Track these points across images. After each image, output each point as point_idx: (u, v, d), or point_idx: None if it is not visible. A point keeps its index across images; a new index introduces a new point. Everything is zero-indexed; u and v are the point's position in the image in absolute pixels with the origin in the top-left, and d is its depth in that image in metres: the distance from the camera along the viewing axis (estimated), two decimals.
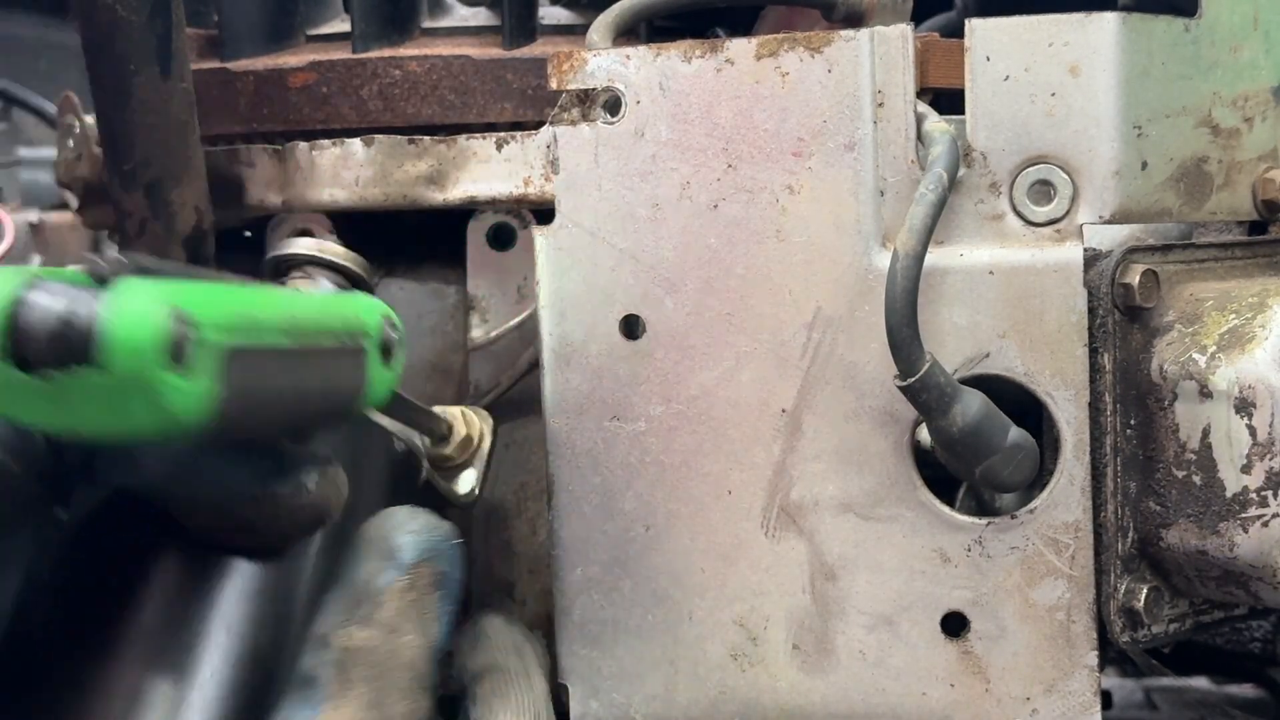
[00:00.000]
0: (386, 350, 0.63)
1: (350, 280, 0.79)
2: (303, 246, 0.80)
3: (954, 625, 0.74)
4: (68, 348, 0.46)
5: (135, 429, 0.48)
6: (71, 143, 0.96)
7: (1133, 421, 0.73)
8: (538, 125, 0.79)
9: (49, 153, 1.37)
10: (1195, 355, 0.71)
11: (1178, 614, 0.75)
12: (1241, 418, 0.69)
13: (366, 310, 0.63)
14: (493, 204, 0.86)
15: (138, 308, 0.45)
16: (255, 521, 0.55)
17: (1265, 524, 0.69)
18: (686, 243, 0.75)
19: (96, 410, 0.47)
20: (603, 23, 0.81)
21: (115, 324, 0.45)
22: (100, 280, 0.47)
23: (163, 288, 0.47)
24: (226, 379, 0.49)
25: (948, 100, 0.74)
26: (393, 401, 0.66)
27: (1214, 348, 0.70)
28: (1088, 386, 0.72)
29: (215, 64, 0.92)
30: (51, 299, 0.46)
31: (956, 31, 0.73)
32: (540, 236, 0.78)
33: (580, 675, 0.79)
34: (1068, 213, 0.72)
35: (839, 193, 0.73)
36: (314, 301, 0.62)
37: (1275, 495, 0.69)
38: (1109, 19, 0.71)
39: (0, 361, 0.46)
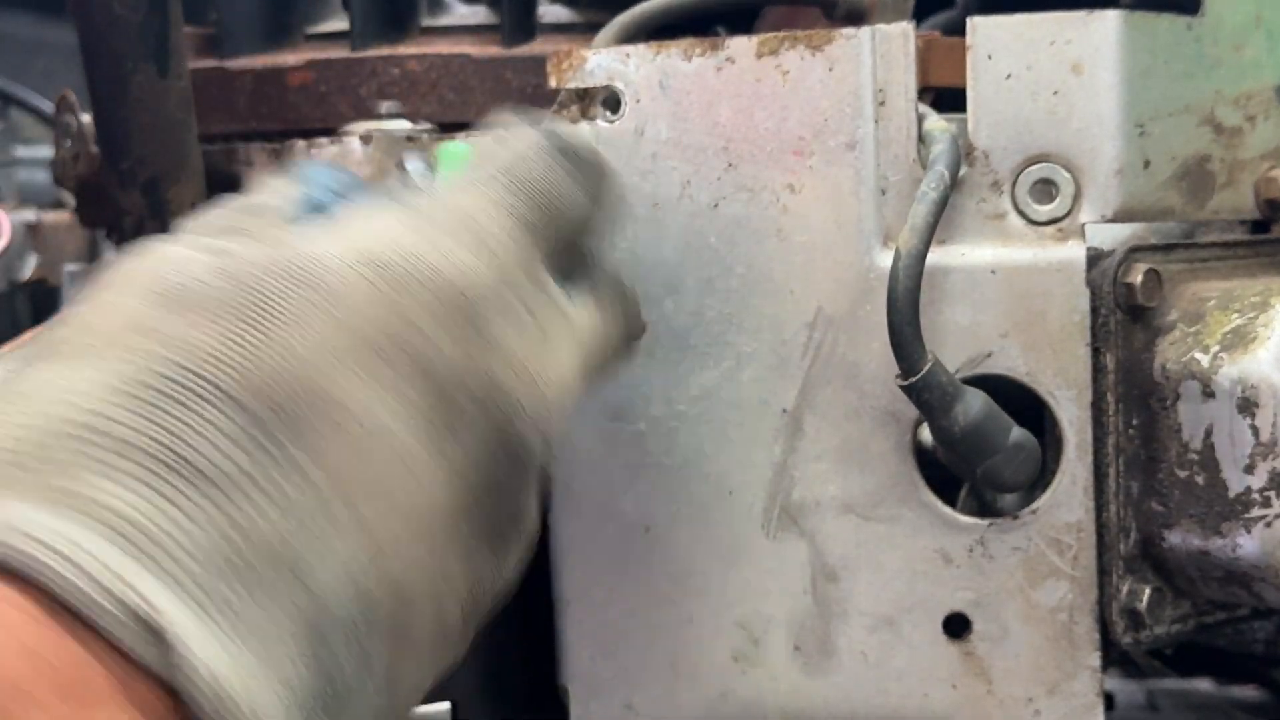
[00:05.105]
0: None
1: None
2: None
3: (956, 626, 0.74)
4: None
5: None
6: (69, 141, 0.95)
7: (1135, 421, 0.72)
8: None
9: (46, 151, 1.37)
10: (1198, 355, 0.70)
11: (1180, 615, 0.75)
12: (1244, 418, 0.69)
13: None
14: None
15: None
16: None
17: (1268, 524, 0.69)
18: (687, 242, 0.75)
19: None
20: (606, 34, 0.81)
21: None
22: None
23: None
24: None
25: (949, 99, 0.74)
26: None
27: (1217, 347, 0.70)
28: (1090, 386, 0.71)
29: (213, 62, 0.92)
30: None
31: (958, 30, 0.73)
32: None
33: (580, 677, 0.78)
34: (1070, 212, 0.72)
35: (840, 192, 0.73)
36: None
37: (1278, 496, 0.69)
38: (1111, 17, 0.71)
39: None
